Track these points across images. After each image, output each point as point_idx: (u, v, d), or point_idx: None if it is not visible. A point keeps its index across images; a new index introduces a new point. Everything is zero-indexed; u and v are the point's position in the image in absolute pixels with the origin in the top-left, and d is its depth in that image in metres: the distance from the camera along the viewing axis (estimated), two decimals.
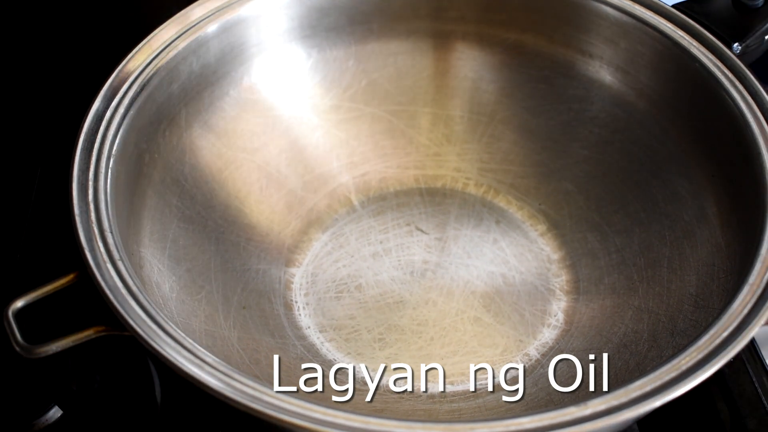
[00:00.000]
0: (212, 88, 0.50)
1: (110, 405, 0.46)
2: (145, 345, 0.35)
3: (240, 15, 0.50)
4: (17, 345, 0.37)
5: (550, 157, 0.54)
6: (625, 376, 0.42)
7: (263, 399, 0.33)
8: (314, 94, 0.54)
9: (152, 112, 0.46)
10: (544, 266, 0.51)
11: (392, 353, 0.47)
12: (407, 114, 0.56)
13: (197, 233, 0.48)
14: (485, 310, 0.49)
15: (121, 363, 0.47)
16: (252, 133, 0.52)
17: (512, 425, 0.32)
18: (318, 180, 0.54)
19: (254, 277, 0.49)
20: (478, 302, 0.49)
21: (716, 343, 0.35)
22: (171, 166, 0.48)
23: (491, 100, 0.55)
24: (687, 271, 0.45)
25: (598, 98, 0.52)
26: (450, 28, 0.55)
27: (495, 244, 0.52)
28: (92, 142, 0.43)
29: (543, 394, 0.44)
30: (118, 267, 0.38)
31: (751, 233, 0.41)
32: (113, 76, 0.45)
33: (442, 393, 0.45)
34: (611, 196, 0.51)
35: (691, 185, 0.47)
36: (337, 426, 0.32)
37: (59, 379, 0.46)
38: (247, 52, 0.51)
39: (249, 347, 0.44)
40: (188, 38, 0.48)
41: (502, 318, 0.49)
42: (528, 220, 0.53)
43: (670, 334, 0.43)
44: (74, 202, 0.40)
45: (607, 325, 0.47)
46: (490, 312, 0.49)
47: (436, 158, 0.56)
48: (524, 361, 0.47)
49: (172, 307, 0.42)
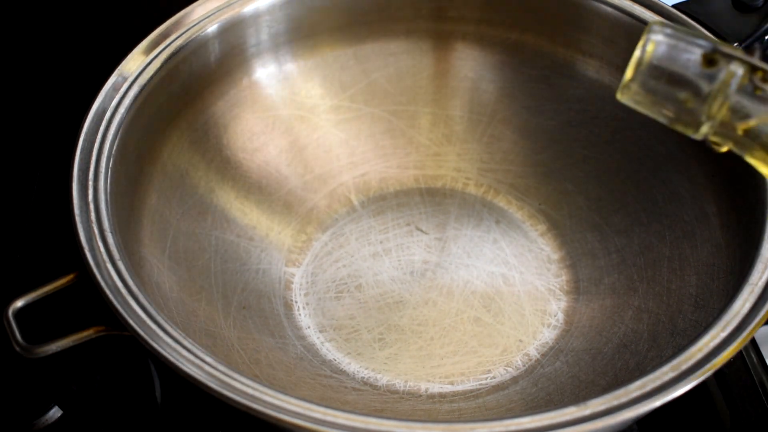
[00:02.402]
0: (212, 88, 0.50)
1: (110, 405, 0.46)
2: (145, 345, 0.35)
3: (240, 15, 0.50)
4: (17, 345, 0.37)
5: (550, 157, 0.54)
6: (625, 376, 0.42)
7: (263, 399, 0.33)
8: (314, 94, 0.54)
9: (152, 112, 0.46)
10: (544, 266, 0.51)
11: (392, 353, 0.47)
12: (407, 114, 0.56)
13: (197, 233, 0.48)
14: (485, 310, 0.49)
15: (121, 363, 0.47)
16: (252, 133, 0.52)
17: (512, 425, 0.32)
18: (318, 180, 0.54)
19: (254, 277, 0.49)
20: (478, 302, 0.49)
21: (716, 343, 0.35)
22: (171, 166, 0.48)
23: (491, 100, 0.55)
24: (687, 271, 0.45)
25: (598, 98, 0.52)
26: (450, 28, 0.55)
27: (495, 244, 0.52)
28: (92, 142, 0.43)
29: (543, 394, 0.44)
30: (118, 267, 0.38)
31: (751, 233, 0.41)
32: (113, 76, 0.45)
33: (442, 393, 0.45)
34: (611, 196, 0.51)
35: (691, 185, 0.47)
36: (337, 426, 0.32)
37: (59, 379, 0.46)
38: (247, 52, 0.51)
39: (249, 347, 0.44)
40: (188, 38, 0.48)
41: (502, 318, 0.49)
42: (528, 220, 0.53)
43: (670, 334, 0.43)
44: (74, 202, 0.40)
45: (607, 325, 0.47)
46: (490, 312, 0.49)
47: (436, 158, 0.56)
48: (524, 361, 0.47)
49: (172, 307, 0.42)
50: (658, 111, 0.35)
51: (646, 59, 0.34)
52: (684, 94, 0.34)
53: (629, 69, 0.35)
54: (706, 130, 0.34)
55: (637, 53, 0.35)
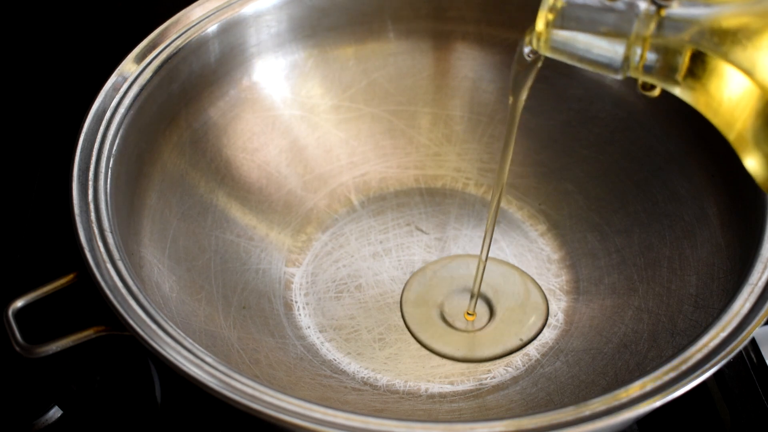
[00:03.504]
0: (212, 88, 0.50)
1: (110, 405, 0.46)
2: (145, 345, 0.35)
3: (240, 15, 0.50)
4: (17, 345, 0.37)
5: (550, 157, 0.54)
6: (625, 376, 0.42)
7: (263, 399, 0.33)
8: (314, 94, 0.54)
9: (152, 112, 0.46)
10: (544, 266, 0.51)
11: (392, 353, 0.47)
12: (407, 114, 0.56)
13: (197, 233, 0.48)
14: (485, 309, 0.49)
15: (121, 363, 0.47)
16: (252, 133, 0.52)
17: (512, 425, 0.32)
18: (318, 180, 0.54)
19: (254, 277, 0.49)
20: (478, 302, 0.49)
21: (716, 343, 0.35)
22: (171, 165, 0.48)
23: (491, 100, 0.55)
24: (687, 271, 0.45)
25: (598, 98, 0.52)
26: (450, 28, 0.55)
27: (495, 243, 0.52)
28: (92, 142, 0.43)
29: (543, 394, 0.44)
30: (118, 267, 0.38)
31: (751, 233, 0.41)
32: (113, 76, 0.45)
33: (442, 393, 0.45)
34: (611, 196, 0.51)
35: (691, 185, 0.47)
36: (337, 426, 0.32)
37: (59, 379, 0.46)
38: (247, 52, 0.51)
39: (249, 347, 0.44)
40: (188, 38, 0.48)
41: (502, 317, 0.49)
42: (528, 220, 0.53)
43: (670, 334, 0.43)
44: (74, 202, 0.40)
45: (607, 325, 0.47)
46: (491, 311, 0.49)
47: (436, 158, 0.56)
48: (524, 361, 0.47)
49: (172, 307, 0.43)
50: (578, 56, 0.35)
51: (558, 3, 0.34)
52: (602, 29, 0.33)
53: (539, 19, 0.35)
54: (630, 67, 0.34)
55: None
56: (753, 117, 0.31)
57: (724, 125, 0.32)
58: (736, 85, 0.31)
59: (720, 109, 0.32)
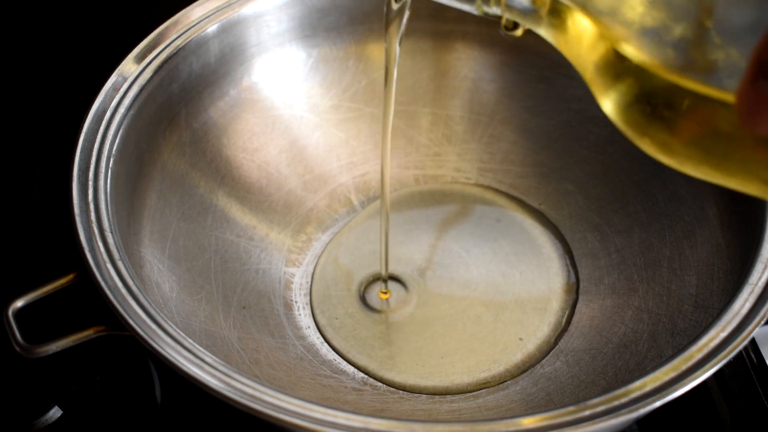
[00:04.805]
0: (212, 88, 0.50)
1: (110, 405, 0.46)
2: (145, 345, 0.35)
3: (240, 15, 0.50)
4: (17, 345, 0.37)
5: (550, 157, 0.54)
6: (625, 376, 0.42)
7: (263, 399, 0.33)
8: (314, 94, 0.54)
9: (152, 112, 0.46)
10: (544, 266, 0.51)
11: (392, 353, 0.47)
12: (407, 114, 0.56)
13: (197, 233, 0.48)
14: (485, 309, 0.49)
15: (121, 363, 0.47)
16: (252, 133, 0.52)
17: (512, 425, 0.32)
18: (318, 180, 0.54)
19: (254, 277, 0.49)
20: (478, 301, 0.49)
21: (716, 343, 0.35)
22: (171, 165, 0.48)
23: (491, 100, 0.55)
24: (687, 271, 0.45)
25: None
26: (450, 28, 0.55)
27: (495, 243, 0.52)
28: (92, 142, 0.43)
29: (543, 394, 0.44)
30: (118, 267, 0.38)
31: (751, 233, 0.41)
32: (113, 76, 0.45)
33: (442, 393, 0.45)
34: (611, 196, 0.51)
35: (691, 185, 0.47)
36: (337, 426, 0.32)
37: (59, 379, 0.46)
38: (247, 52, 0.51)
39: (249, 347, 0.44)
40: (188, 38, 0.48)
41: (502, 317, 0.49)
42: (528, 220, 0.53)
43: (670, 334, 0.43)
44: (74, 202, 0.40)
45: (607, 325, 0.47)
46: (490, 311, 0.49)
47: (436, 158, 0.56)
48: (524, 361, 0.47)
49: (172, 307, 0.43)
50: None
51: None
52: None
53: None
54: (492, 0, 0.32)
55: None
56: (595, 56, 0.29)
57: (581, 67, 0.30)
58: (580, 23, 0.30)
59: (577, 48, 0.30)
